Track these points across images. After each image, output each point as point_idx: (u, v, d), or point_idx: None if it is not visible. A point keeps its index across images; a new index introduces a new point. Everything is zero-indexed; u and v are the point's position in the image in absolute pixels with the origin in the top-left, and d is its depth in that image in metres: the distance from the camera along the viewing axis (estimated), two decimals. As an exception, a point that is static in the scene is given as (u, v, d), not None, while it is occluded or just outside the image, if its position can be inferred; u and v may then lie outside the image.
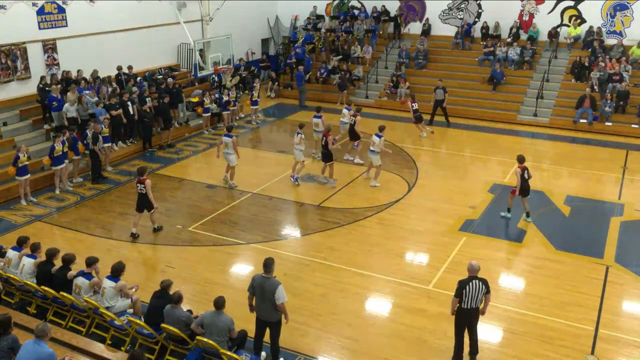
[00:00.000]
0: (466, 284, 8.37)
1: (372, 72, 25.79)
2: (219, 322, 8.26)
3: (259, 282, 8.35)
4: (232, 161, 15.42)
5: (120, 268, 9.37)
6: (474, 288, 8.33)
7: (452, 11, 26.67)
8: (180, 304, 8.63)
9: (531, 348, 9.25)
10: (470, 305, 8.40)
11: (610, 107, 21.06)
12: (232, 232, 13.21)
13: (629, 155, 18.65)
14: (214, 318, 8.29)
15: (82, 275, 9.48)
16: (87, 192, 15.60)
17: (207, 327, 8.31)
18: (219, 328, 8.24)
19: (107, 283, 9.31)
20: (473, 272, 8.46)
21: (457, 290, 8.43)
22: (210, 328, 8.28)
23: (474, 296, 8.35)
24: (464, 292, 8.34)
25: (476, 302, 8.41)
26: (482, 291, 8.38)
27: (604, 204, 14.97)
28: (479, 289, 8.35)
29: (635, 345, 9.36)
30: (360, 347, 9.26)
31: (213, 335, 8.24)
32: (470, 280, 8.39)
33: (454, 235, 13.10)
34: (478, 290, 8.35)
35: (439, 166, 17.93)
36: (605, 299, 10.61)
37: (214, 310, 8.31)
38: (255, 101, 22.03)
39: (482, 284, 8.39)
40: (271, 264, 8.32)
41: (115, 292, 9.30)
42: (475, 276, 8.44)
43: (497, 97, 23.25)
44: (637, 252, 12.40)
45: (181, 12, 22.85)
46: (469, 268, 8.51)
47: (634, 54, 22.80)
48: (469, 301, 8.37)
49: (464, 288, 8.34)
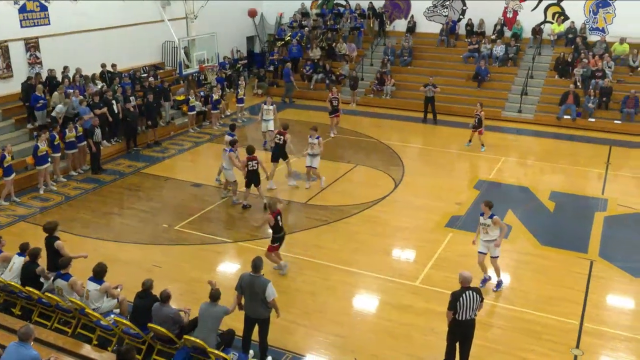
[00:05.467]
0: (460, 295, 8.03)
1: (357, 70, 25.83)
2: (213, 312, 8.37)
3: (247, 280, 8.37)
4: (231, 177, 14.42)
5: (103, 270, 9.25)
6: (468, 299, 8.01)
7: (436, 8, 26.78)
8: (169, 302, 8.62)
9: (517, 343, 9.32)
10: (465, 317, 8.09)
11: (593, 103, 21.29)
12: (218, 231, 13.19)
13: (612, 150, 18.88)
14: (208, 309, 8.40)
15: (60, 277, 9.40)
16: (71, 191, 15.45)
17: (201, 317, 8.41)
18: (213, 318, 8.35)
19: (90, 286, 9.20)
20: (466, 283, 8.12)
21: (451, 302, 8.09)
22: (204, 318, 8.38)
23: (469, 307, 8.04)
24: (459, 304, 8.01)
25: (471, 313, 8.12)
26: (477, 301, 8.08)
27: (588, 199, 15.13)
28: (473, 299, 8.04)
29: (619, 339, 9.48)
30: (348, 344, 9.28)
31: (207, 325, 8.34)
32: (464, 291, 8.05)
33: (440, 231, 13.17)
34: (473, 301, 8.03)
35: (424, 163, 18.02)
36: (589, 293, 10.74)
37: (209, 302, 8.42)
38: (240, 99, 21.98)
39: (476, 295, 8.09)
40: (260, 264, 8.35)
41: (100, 294, 9.21)
42: (469, 287, 8.13)
43: (482, 94, 23.36)
44: (621, 246, 12.56)
45: (165, 9, 22.71)
46: (461, 279, 8.16)
47: (616, 50, 23.07)
48: (464, 313, 8.06)
49: (458, 300, 8.01)
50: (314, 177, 15.48)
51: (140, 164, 17.48)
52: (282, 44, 27.68)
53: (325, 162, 16.74)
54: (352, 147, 19.08)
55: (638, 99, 20.72)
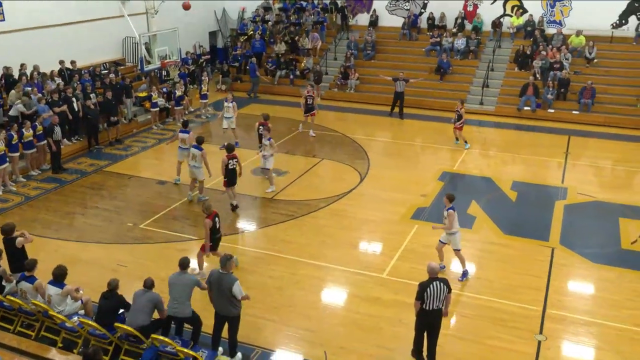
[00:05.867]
0: (427, 286, 8.19)
1: (321, 64, 25.85)
2: (184, 280, 8.55)
3: (216, 277, 8.35)
4: (200, 175, 14.02)
5: (62, 273, 9.02)
6: (435, 289, 8.17)
7: (398, 2, 26.99)
8: (152, 289, 8.70)
9: (483, 330, 9.50)
10: (433, 307, 8.25)
11: (552, 94, 21.80)
12: (184, 228, 13.07)
13: (571, 140, 19.37)
14: (178, 278, 8.61)
15: (25, 280, 9.18)
16: (31, 191, 15.08)
17: (171, 287, 8.58)
18: (183, 286, 8.52)
19: (51, 290, 8.99)
20: (433, 274, 8.29)
21: (419, 293, 8.25)
22: (175, 288, 8.55)
23: (437, 297, 8.20)
24: (426, 294, 8.17)
25: (438, 303, 8.28)
26: (444, 292, 8.24)
27: (549, 188, 15.51)
28: (440, 289, 8.20)
29: (581, 323, 9.75)
30: (317, 338, 9.33)
31: (178, 295, 8.52)
32: (432, 281, 8.22)
33: (406, 223, 13.31)
34: (440, 291, 8.20)
35: (389, 156, 18.16)
36: (551, 280, 11.01)
37: (178, 271, 8.63)
38: (204, 95, 21.76)
39: (443, 285, 8.25)
40: (227, 261, 8.32)
41: (62, 298, 9.02)
42: (436, 277, 8.30)
43: (445, 87, 23.71)
44: (581, 233, 12.92)
45: (125, 5, 22.27)
46: (429, 270, 8.34)
47: (573, 42, 23.66)
48: (431, 302, 8.22)
49: (425, 290, 8.17)
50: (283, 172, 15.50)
51: (102, 162, 17.17)
52: (245, 39, 27.52)
53: (291, 157, 16.76)
54: (317, 142, 19.11)
55: (594, 89, 21.30)
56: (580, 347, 9.22)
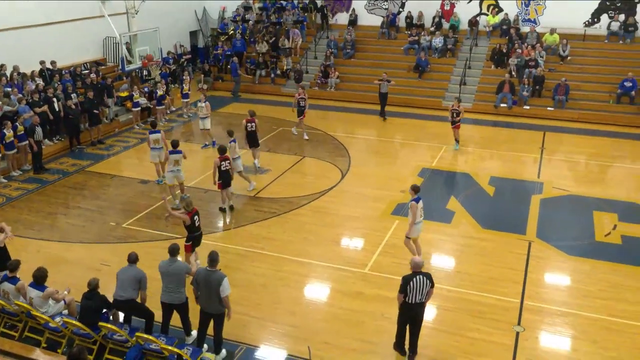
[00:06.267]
0: (410, 279, 8.35)
1: (302, 63, 25.97)
2: (175, 268, 8.70)
3: (203, 275, 8.36)
4: (182, 177, 14.00)
5: (43, 275, 8.98)
6: (418, 283, 8.34)
7: (377, 2, 27.22)
8: (136, 264, 8.86)
9: (463, 323, 9.70)
10: (415, 300, 8.42)
11: (527, 91, 22.20)
12: (167, 227, 13.07)
13: (546, 136, 19.77)
14: (170, 265, 8.72)
15: (7, 281, 9.17)
16: (13, 192, 15.00)
17: (163, 275, 8.73)
18: (175, 274, 8.69)
19: (32, 292, 8.95)
20: (417, 268, 8.44)
21: (402, 286, 8.41)
22: (168, 276, 8.72)
23: (419, 291, 8.36)
24: (409, 287, 8.34)
25: (421, 297, 8.45)
26: (427, 285, 8.42)
27: (525, 183, 15.81)
28: (423, 283, 8.37)
29: (557, 314, 10.01)
30: (301, 333, 9.44)
31: (167, 283, 8.71)
32: (415, 275, 8.37)
33: (386, 219, 13.50)
34: (423, 285, 8.37)
35: (370, 153, 18.35)
36: (529, 272, 11.26)
37: (168, 258, 8.75)
38: (185, 94, 21.77)
39: (426, 279, 8.42)
40: (216, 258, 8.36)
41: (43, 301, 8.99)
42: (420, 271, 8.46)
43: (423, 85, 23.99)
44: (556, 227, 13.20)
45: (105, 5, 22.11)
46: (413, 265, 8.48)
47: (547, 40, 24.12)
48: (414, 296, 8.39)
49: (408, 284, 8.34)
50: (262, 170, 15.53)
51: (84, 162, 17.12)
52: (226, 38, 27.51)
53: (273, 155, 16.86)
54: (298, 139, 19.23)
55: (568, 86, 21.75)
56: (557, 337, 9.46)
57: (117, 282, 8.84)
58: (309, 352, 8.97)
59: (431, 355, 8.94)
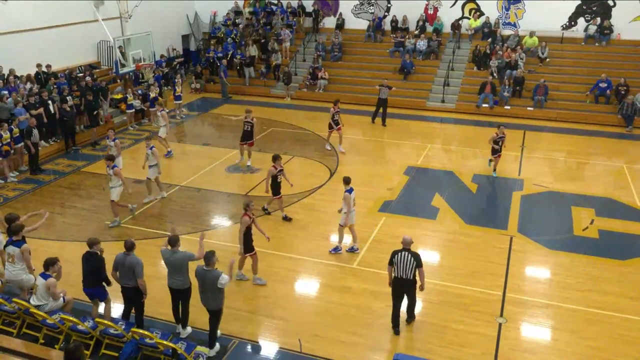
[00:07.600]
0: (396, 253, 9.13)
1: (291, 65, 26.31)
2: (177, 258, 8.93)
3: (200, 274, 8.61)
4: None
5: (49, 262, 9.12)
6: (402, 258, 9.03)
7: (363, 6, 27.68)
8: (133, 250, 8.97)
9: (448, 315, 9.99)
10: (402, 275, 9.09)
11: (508, 92, 22.72)
12: (161, 225, 13.28)
13: (526, 135, 20.24)
14: (172, 255, 8.96)
15: (12, 244, 9.44)
16: (10, 192, 15.13)
17: (166, 263, 9.01)
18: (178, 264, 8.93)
19: (39, 280, 9.16)
20: (405, 245, 9.17)
21: (390, 259, 9.21)
22: (170, 264, 8.99)
23: (404, 266, 9.05)
24: (394, 259, 9.12)
25: (407, 273, 9.06)
26: (410, 263, 9.01)
27: (506, 180, 16.20)
28: (407, 260, 9.01)
29: (538, 306, 10.34)
30: (291, 327, 9.67)
31: (171, 271, 9.02)
32: (401, 251, 9.12)
33: (374, 216, 13.80)
34: (406, 261, 9.01)
35: (357, 152, 18.60)
36: (510, 266, 11.60)
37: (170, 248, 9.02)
38: (178, 96, 22.04)
39: (410, 256, 9.04)
40: (211, 257, 8.54)
41: (45, 290, 9.10)
42: (407, 249, 9.11)
43: (408, 86, 24.41)
44: (537, 222, 13.59)
45: (99, 9, 22.31)
46: (403, 241, 9.22)
47: (527, 43, 24.71)
48: (400, 271, 9.10)
49: (394, 257, 9.12)
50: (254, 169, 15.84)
51: (80, 163, 17.31)
52: (216, 41, 27.79)
53: (264, 155, 17.07)
54: (288, 139, 19.51)
55: (547, 87, 22.30)
56: (538, 328, 9.77)
57: (119, 271, 9.02)
58: (300, 345, 9.19)
59: (416, 347, 9.22)
